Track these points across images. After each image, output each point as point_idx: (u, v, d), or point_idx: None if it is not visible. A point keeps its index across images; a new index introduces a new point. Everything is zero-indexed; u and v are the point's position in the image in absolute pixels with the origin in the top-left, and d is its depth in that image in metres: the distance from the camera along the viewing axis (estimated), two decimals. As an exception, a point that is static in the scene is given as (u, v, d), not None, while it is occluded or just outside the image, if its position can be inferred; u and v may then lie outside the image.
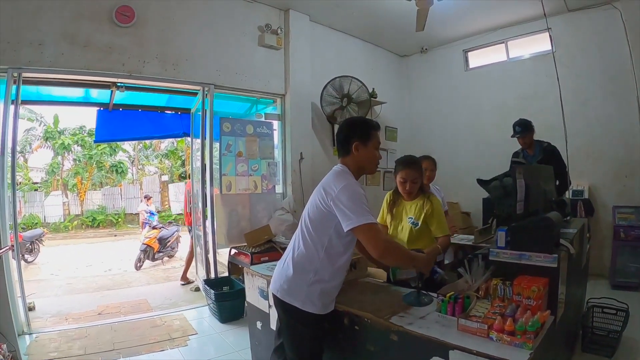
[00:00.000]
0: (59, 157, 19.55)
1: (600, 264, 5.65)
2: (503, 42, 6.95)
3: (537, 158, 4.73)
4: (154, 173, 22.67)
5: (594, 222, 5.65)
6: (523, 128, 4.85)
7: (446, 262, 3.59)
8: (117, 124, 5.89)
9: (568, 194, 4.94)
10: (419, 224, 2.94)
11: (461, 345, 1.68)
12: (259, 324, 2.99)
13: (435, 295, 2.20)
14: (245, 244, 4.73)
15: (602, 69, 5.92)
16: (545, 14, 5.12)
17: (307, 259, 2.03)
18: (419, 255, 2.17)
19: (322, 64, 6.22)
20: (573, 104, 5.77)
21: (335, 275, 2.06)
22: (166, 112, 6.09)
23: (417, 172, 2.96)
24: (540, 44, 6.42)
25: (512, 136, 5.00)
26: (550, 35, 6.03)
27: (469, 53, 7.42)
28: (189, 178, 6.79)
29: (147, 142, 21.18)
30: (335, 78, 6.01)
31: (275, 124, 5.81)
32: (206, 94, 5.07)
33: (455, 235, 4.14)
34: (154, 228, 9.03)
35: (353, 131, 2.11)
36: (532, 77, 6.46)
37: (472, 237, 4.02)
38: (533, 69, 6.51)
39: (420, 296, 2.21)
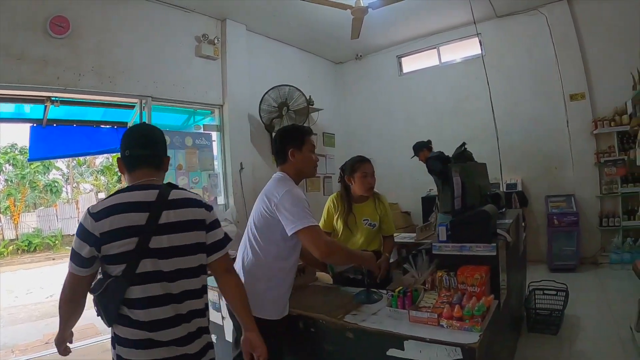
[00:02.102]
0: (-11, 178, 18.18)
1: (538, 250, 6.08)
2: (435, 48, 7.31)
3: None
4: (90, 191, 21.48)
5: (528, 212, 6.06)
6: (413, 151, 5.58)
7: (391, 260, 3.71)
8: (51, 140, 5.55)
9: (501, 188, 5.29)
10: (377, 225, 3.01)
11: (414, 335, 1.77)
12: (213, 338, 2.94)
13: (384, 291, 2.29)
14: None
15: (531, 70, 6.38)
16: (474, 21, 5.42)
17: (256, 266, 2.05)
18: (365, 253, 2.26)
19: (260, 73, 6.24)
20: (504, 104, 6.14)
21: (285, 279, 2.10)
22: (102, 126, 5.85)
23: (372, 166, 3.04)
24: (470, 48, 6.80)
25: (412, 157, 5.59)
26: (480, 40, 6.41)
27: (403, 58, 7.72)
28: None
29: (82, 158, 20.02)
30: (273, 87, 6.03)
31: (214, 135, 5.74)
32: (144, 107, 4.93)
33: (397, 235, 4.28)
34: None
35: (287, 139, 2.18)
36: (464, 80, 6.82)
37: (413, 234, 4.19)
38: (465, 72, 6.87)
39: (370, 294, 2.28)
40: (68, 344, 1.78)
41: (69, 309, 1.63)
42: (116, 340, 1.53)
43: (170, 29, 5.20)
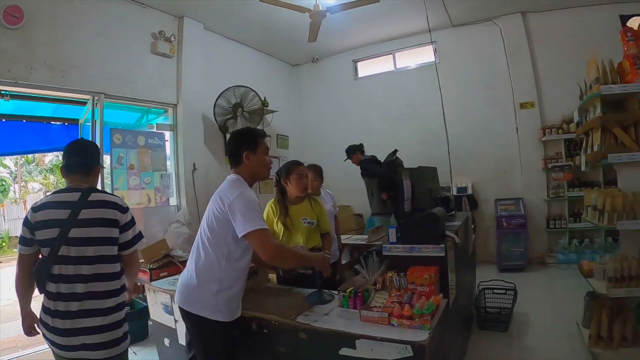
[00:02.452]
0: None
1: (488, 251, 6.32)
2: (391, 53, 7.45)
3: None
4: (39, 190, 20.35)
5: (478, 215, 6.30)
6: (346, 153, 5.83)
7: (344, 262, 3.78)
8: (0, 136, 5.31)
9: (452, 191, 5.49)
10: (315, 223, 3.14)
11: (366, 334, 1.81)
12: (166, 341, 2.90)
13: (336, 292, 2.33)
14: (142, 260, 4.50)
15: (483, 78, 6.62)
16: (430, 29, 5.57)
17: (209, 268, 2.04)
18: (315, 254, 2.31)
19: (216, 73, 6.15)
20: (456, 110, 6.34)
21: (237, 280, 2.09)
22: (52, 122, 5.60)
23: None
24: (425, 55, 6.96)
25: (344, 160, 5.82)
26: (435, 48, 6.60)
27: (358, 63, 7.82)
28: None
29: (31, 156, 19.00)
30: (228, 88, 5.95)
31: (167, 135, 5.60)
32: (96, 104, 4.75)
33: (350, 237, 4.37)
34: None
35: (241, 142, 2.19)
36: (418, 86, 6.97)
37: (365, 236, 4.27)
38: (419, 78, 7.03)
39: (322, 295, 2.32)
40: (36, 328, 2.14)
41: (22, 284, 2.03)
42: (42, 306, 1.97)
43: (126, 24, 5.03)
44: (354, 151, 5.64)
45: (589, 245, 5.63)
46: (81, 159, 2.12)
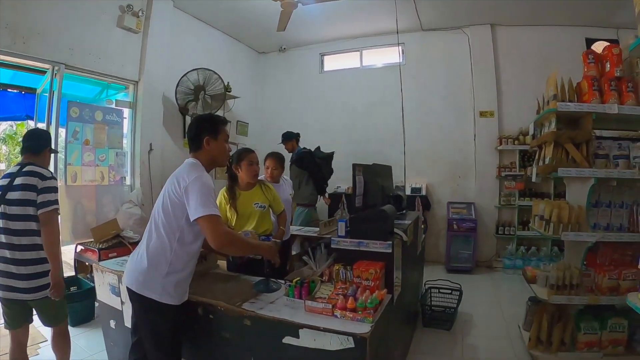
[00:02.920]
0: None
1: (437, 252, 6.53)
2: (358, 50, 7.50)
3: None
4: (-11, 160, 19.45)
5: (430, 216, 6.49)
6: (283, 138, 5.92)
7: (293, 252, 3.84)
8: None
9: (406, 191, 5.62)
10: (266, 206, 3.21)
11: (309, 324, 1.86)
12: (112, 323, 2.86)
13: (282, 281, 2.38)
14: (92, 239, 4.40)
15: (446, 84, 6.79)
16: (398, 31, 5.65)
17: (161, 250, 2.03)
18: (264, 243, 2.32)
19: (181, 52, 6.00)
20: (417, 112, 6.49)
21: (187, 264, 2.11)
22: (9, 90, 5.35)
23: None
24: (392, 55, 7.03)
25: (278, 143, 5.89)
26: (402, 49, 6.70)
27: (325, 57, 7.82)
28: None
29: None
30: (192, 69, 5.83)
31: (126, 112, 5.43)
32: (55, 74, 4.56)
33: (301, 228, 4.42)
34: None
35: (203, 127, 2.20)
36: (382, 85, 7.04)
37: (317, 229, 4.33)
38: (383, 77, 7.09)
39: (269, 283, 2.35)
40: None
41: None
42: None
43: (94, -6, 4.84)
44: (291, 138, 5.77)
45: (535, 253, 5.89)
46: (32, 142, 2.71)
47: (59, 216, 2.66)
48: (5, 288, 2.46)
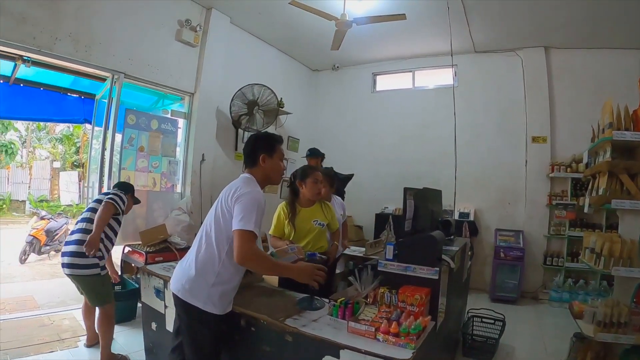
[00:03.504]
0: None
1: (482, 280, 6.31)
2: (411, 71, 7.50)
3: None
4: (46, 158, 20.26)
5: (477, 242, 6.32)
6: (310, 152, 5.60)
7: (338, 271, 3.82)
8: (16, 100, 5.35)
9: (454, 215, 5.47)
10: (325, 225, 3.26)
11: (351, 345, 1.83)
12: (153, 325, 2.94)
13: (327, 300, 2.35)
14: (140, 242, 4.55)
15: (498, 107, 6.65)
16: (452, 52, 5.59)
17: (209, 260, 2.08)
18: (293, 266, 2.28)
19: (236, 67, 6.18)
20: (467, 135, 6.38)
21: (234, 277, 2.14)
22: (69, 94, 5.67)
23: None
24: (445, 77, 6.98)
25: (302, 157, 5.79)
26: (455, 71, 6.63)
27: (378, 76, 7.86)
28: (83, 167, 6.30)
29: (42, 123, 18.93)
30: (248, 85, 5.97)
31: (181, 122, 5.66)
32: (115, 82, 4.82)
33: (348, 247, 4.40)
34: (42, 218, 8.22)
35: (260, 144, 2.26)
36: (433, 106, 7.01)
37: (363, 249, 4.29)
38: (435, 99, 7.06)
39: (313, 301, 2.35)
40: None
41: None
42: None
43: (154, 7, 5.10)
44: (318, 155, 5.58)
45: (583, 286, 5.60)
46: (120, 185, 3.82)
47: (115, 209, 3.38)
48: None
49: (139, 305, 3.85)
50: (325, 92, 8.26)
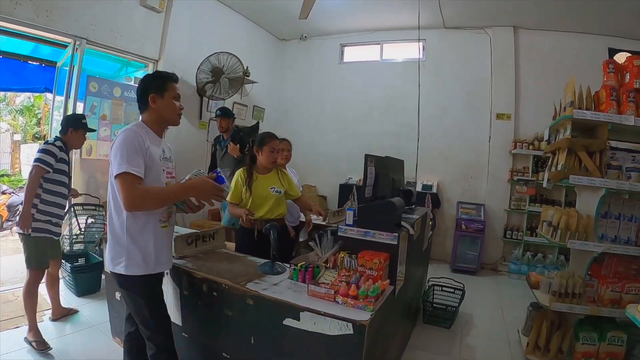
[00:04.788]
0: None
1: (444, 251, 6.53)
2: (379, 44, 7.47)
3: (227, 142, 5.10)
4: (6, 130, 19.54)
5: (439, 214, 6.50)
6: (222, 112, 5.24)
7: (301, 239, 3.88)
8: None
9: (417, 187, 5.54)
10: (282, 192, 3.23)
11: (311, 307, 1.89)
12: (117, 295, 2.93)
13: (287, 265, 2.41)
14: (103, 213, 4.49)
15: (464, 83, 6.74)
16: (420, 26, 5.57)
17: (117, 221, 1.96)
18: (188, 183, 2.02)
19: (201, 34, 6.03)
20: (433, 108, 6.44)
21: (145, 228, 1.98)
22: (30, 62, 5.42)
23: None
24: (413, 50, 6.95)
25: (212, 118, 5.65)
26: (423, 45, 6.65)
27: (346, 47, 7.80)
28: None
29: (1, 94, 18.11)
30: (214, 53, 5.84)
31: None
32: (77, 49, 4.63)
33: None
34: (3, 193, 7.93)
35: (149, 85, 2.09)
36: (400, 79, 7.02)
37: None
38: (402, 72, 7.07)
39: (275, 266, 2.39)
40: None
41: None
42: None
43: (119, -30, 4.89)
44: (230, 116, 5.25)
45: (541, 260, 5.85)
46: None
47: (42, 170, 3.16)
48: None
49: (103, 276, 3.84)
50: (292, 62, 8.16)
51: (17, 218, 3.11)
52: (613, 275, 3.11)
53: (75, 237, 4.38)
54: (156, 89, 2.06)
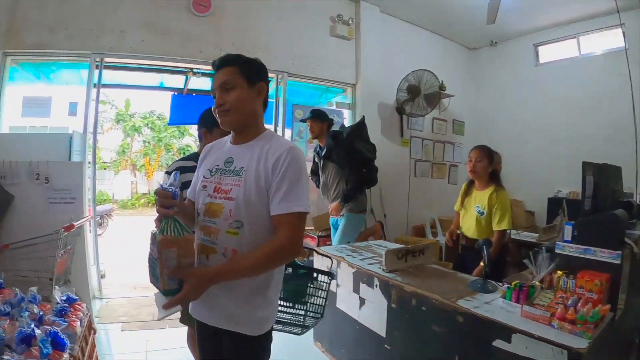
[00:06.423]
0: (129, 139, 20.70)
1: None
2: (575, 37, 6.65)
3: (323, 151, 4.42)
4: (216, 159, 23.03)
5: (665, 230, 5.42)
6: (312, 114, 4.37)
7: (508, 259, 3.69)
8: (190, 107, 6.02)
9: (636, 198, 4.76)
10: (485, 213, 3.10)
11: (524, 329, 1.80)
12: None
13: (500, 283, 2.34)
14: (312, 227, 5.00)
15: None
16: (617, 9, 4.88)
17: None
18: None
19: (392, 54, 6.31)
20: (646, 104, 5.48)
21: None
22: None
23: (480, 153, 3.26)
24: (612, 40, 6.09)
25: (301, 120, 4.91)
26: (623, 32, 5.78)
27: (540, 47, 7.16)
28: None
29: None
30: (411, 72, 6.06)
31: (346, 113, 6.04)
32: (280, 81, 5.36)
33: (519, 232, 4.19)
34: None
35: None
36: (604, 74, 6.13)
37: (535, 234, 4.07)
38: (605, 66, 6.18)
39: (486, 283, 2.35)
40: None
41: None
42: None
43: (305, 9, 5.54)
44: (325, 119, 4.37)
45: None
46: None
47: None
48: None
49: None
50: (486, 69, 7.86)
51: None
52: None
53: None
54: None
